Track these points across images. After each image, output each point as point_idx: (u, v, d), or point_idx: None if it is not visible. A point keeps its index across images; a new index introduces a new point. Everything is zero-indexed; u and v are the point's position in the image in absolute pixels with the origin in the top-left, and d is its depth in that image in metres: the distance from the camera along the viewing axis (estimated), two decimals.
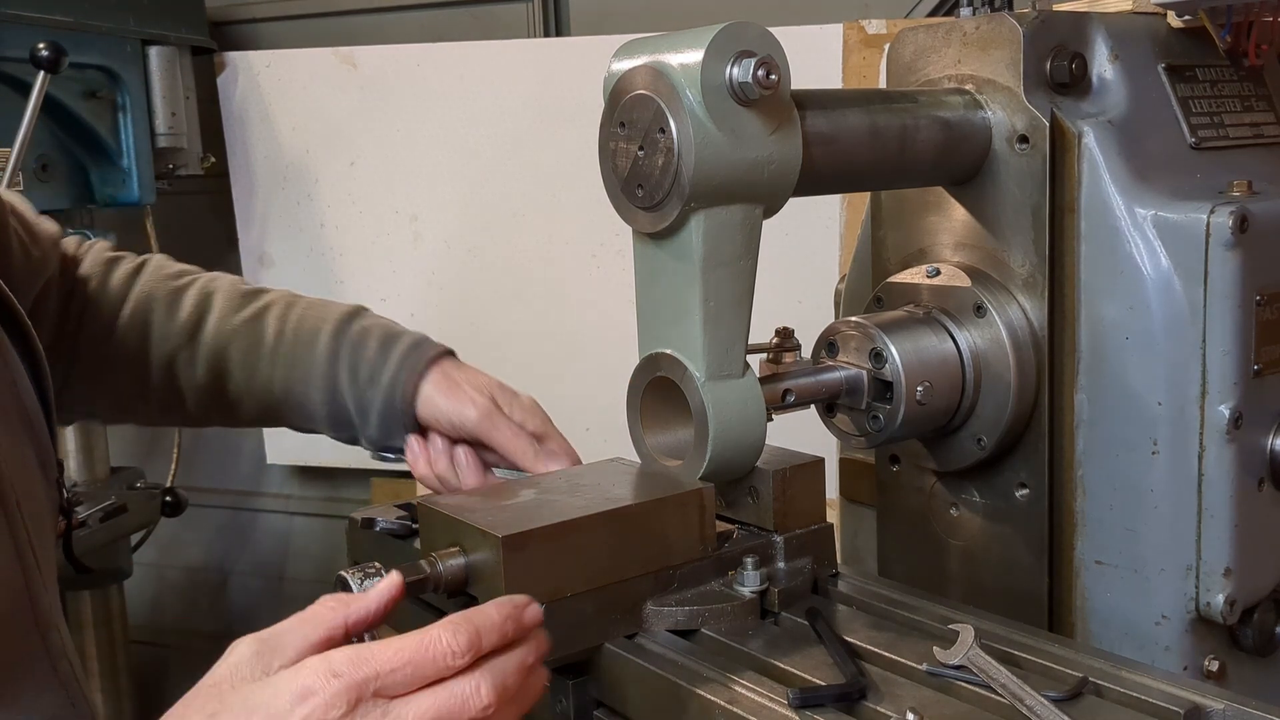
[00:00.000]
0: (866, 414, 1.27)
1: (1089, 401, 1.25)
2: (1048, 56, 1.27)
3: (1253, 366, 1.19)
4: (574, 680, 1.06)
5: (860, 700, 0.96)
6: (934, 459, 1.36)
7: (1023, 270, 1.28)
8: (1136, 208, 1.21)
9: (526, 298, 3.10)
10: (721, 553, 1.14)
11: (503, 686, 0.84)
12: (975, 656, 0.99)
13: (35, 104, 2.39)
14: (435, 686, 0.82)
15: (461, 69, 3.06)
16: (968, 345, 1.28)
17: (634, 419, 1.22)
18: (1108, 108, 1.29)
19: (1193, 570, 1.21)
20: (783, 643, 1.07)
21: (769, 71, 1.05)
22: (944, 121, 1.27)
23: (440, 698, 0.81)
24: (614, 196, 1.15)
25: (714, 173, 1.07)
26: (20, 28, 2.50)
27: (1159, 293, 1.19)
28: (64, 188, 2.76)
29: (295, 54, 3.22)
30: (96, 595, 3.07)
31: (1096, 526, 1.26)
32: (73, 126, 2.73)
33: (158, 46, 2.91)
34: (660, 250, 1.14)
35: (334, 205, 3.22)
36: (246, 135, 3.25)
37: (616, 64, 1.13)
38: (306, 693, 0.78)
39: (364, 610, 0.87)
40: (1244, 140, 1.39)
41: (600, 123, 1.15)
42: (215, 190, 3.31)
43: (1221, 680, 1.24)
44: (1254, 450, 1.21)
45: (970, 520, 1.36)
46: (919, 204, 1.38)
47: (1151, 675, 0.99)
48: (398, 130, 3.13)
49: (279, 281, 3.28)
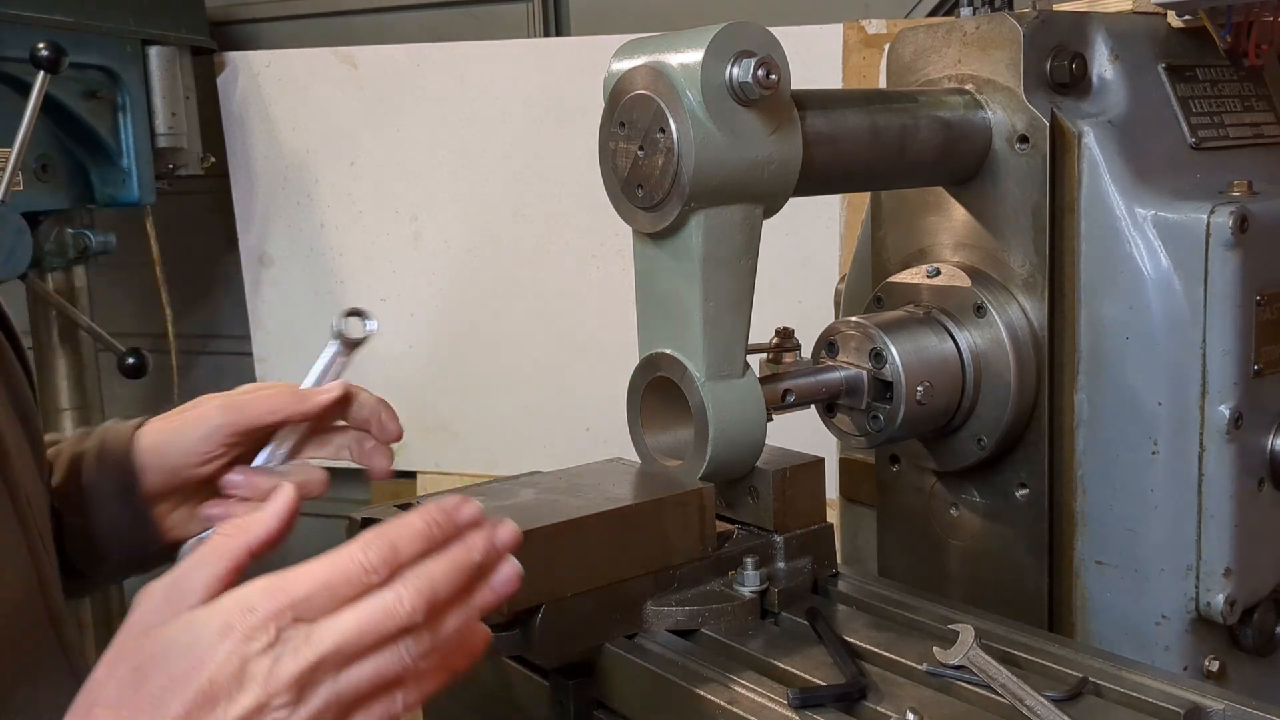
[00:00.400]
0: (866, 414, 1.27)
1: (1089, 401, 1.25)
2: (1048, 56, 1.27)
3: (1253, 366, 1.19)
4: (574, 680, 1.06)
5: (860, 700, 0.96)
6: (934, 459, 1.36)
7: (1023, 270, 1.28)
8: (1136, 208, 1.21)
9: (526, 298, 3.10)
10: (721, 553, 1.14)
11: (430, 592, 0.80)
12: (975, 656, 0.99)
13: (35, 104, 2.39)
14: (356, 603, 0.79)
15: (461, 69, 3.06)
16: (968, 345, 1.28)
17: (634, 419, 1.22)
18: (1108, 108, 1.29)
19: (1193, 570, 1.21)
20: (783, 643, 1.07)
21: (769, 71, 1.05)
22: (944, 121, 1.27)
23: (360, 612, 0.78)
24: (614, 196, 1.15)
25: (714, 173, 1.07)
26: (20, 28, 2.50)
27: (1159, 293, 1.19)
28: (64, 188, 2.76)
29: (295, 54, 3.22)
30: (96, 595, 3.07)
31: (1096, 526, 1.26)
32: (73, 126, 2.73)
33: (158, 46, 2.91)
34: (660, 250, 1.14)
35: (334, 205, 3.22)
36: (246, 135, 3.25)
37: (616, 64, 1.13)
38: (226, 630, 0.77)
39: (265, 531, 0.84)
40: (1244, 140, 1.39)
41: (600, 123, 1.15)
42: (215, 190, 3.31)
43: (1221, 680, 1.24)
44: (1254, 450, 1.21)
45: (970, 520, 1.36)
46: (919, 204, 1.38)
47: (1151, 675, 0.99)
48: (398, 130, 3.13)
49: (279, 281, 3.29)
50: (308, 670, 0.77)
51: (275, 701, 0.76)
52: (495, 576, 0.85)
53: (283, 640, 0.77)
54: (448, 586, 0.81)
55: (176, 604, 0.80)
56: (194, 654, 0.76)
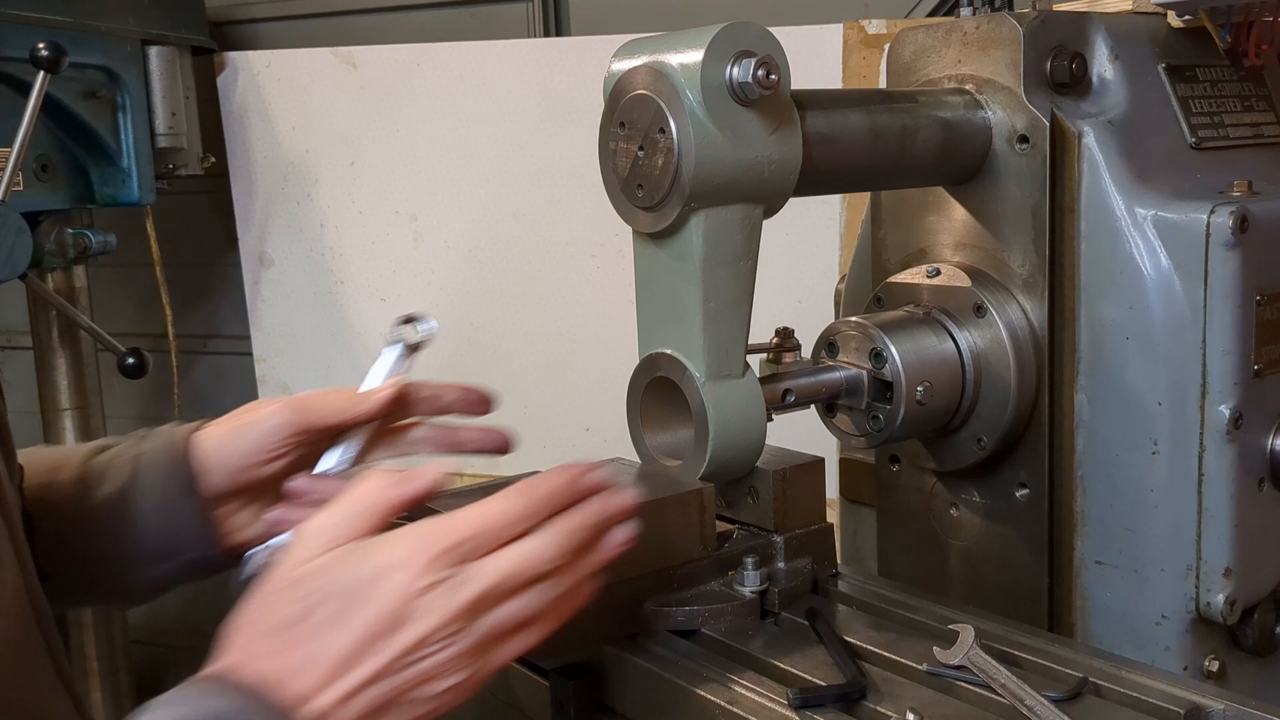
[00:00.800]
0: (866, 414, 1.27)
1: (1089, 401, 1.25)
2: (1048, 56, 1.27)
3: (1253, 366, 1.19)
4: (574, 680, 1.06)
5: (860, 700, 0.96)
6: (934, 459, 1.36)
7: (1023, 270, 1.28)
8: (1136, 208, 1.21)
9: (526, 298, 3.10)
10: (721, 553, 1.14)
11: (569, 543, 0.88)
12: (975, 656, 0.99)
13: (35, 104, 2.38)
14: (506, 547, 0.86)
15: (461, 69, 3.06)
16: (968, 345, 1.28)
17: (634, 419, 1.22)
18: (1108, 108, 1.29)
19: (1193, 570, 1.21)
20: (783, 643, 1.07)
21: (769, 71, 1.05)
22: (944, 121, 1.27)
23: (511, 556, 0.86)
24: (614, 196, 1.15)
25: (714, 173, 1.07)
26: (20, 28, 2.49)
27: (1159, 293, 1.19)
28: (64, 188, 2.76)
29: (295, 54, 3.22)
30: None
31: (1096, 526, 1.26)
32: (73, 126, 2.72)
33: (158, 46, 2.90)
34: (660, 250, 1.14)
35: (334, 205, 3.22)
36: (246, 135, 3.25)
37: (616, 64, 1.13)
38: (395, 566, 0.83)
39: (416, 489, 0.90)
40: (1244, 140, 1.39)
41: (600, 123, 1.15)
42: (215, 190, 3.31)
43: (1221, 680, 1.24)
44: (1254, 450, 1.21)
45: (970, 520, 1.36)
46: (919, 204, 1.38)
47: (1151, 675, 0.99)
48: (398, 130, 3.13)
49: (279, 281, 3.28)
50: (469, 606, 0.83)
51: (439, 634, 0.83)
52: (609, 537, 0.92)
53: (447, 578, 0.83)
54: (586, 540, 0.90)
55: (332, 543, 0.85)
56: (362, 588, 0.82)
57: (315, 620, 0.82)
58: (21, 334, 3.23)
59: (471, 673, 0.85)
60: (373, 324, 3.18)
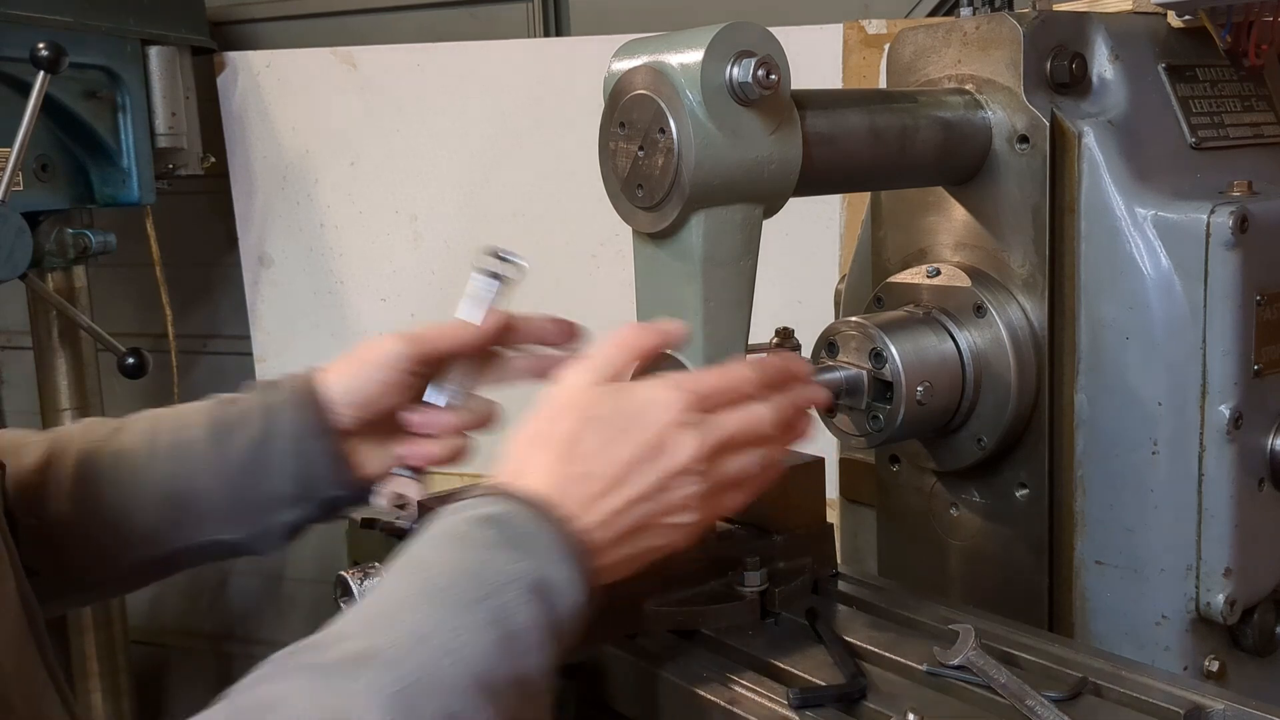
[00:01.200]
0: (866, 414, 1.27)
1: (1089, 401, 1.25)
2: (1048, 56, 1.27)
3: (1253, 366, 1.19)
4: (574, 680, 1.06)
5: (860, 700, 0.96)
6: (934, 459, 1.36)
7: (1023, 270, 1.28)
8: (1136, 208, 1.21)
9: (527, 298, 3.10)
10: (721, 553, 1.14)
11: (784, 417, 1.00)
12: (975, 656, 0.99)
13: (35, 104, 2.38)
14: (738, 406, 0.97)
15: (461, 69, 3.06)
16: (968, 345, 1.28)
17: None
18: (1108, 108, 1.29)
19: (1193, 570, 1.21)
20: (783, 643, 1.07)
21: (769, 71, 1.05)
22: (944, 121, 1.27)
23: (744, 415, 0.97)
24: (614, 196, 1.15)
25: (714, 173, 1.07)
26: (20, 28, 2.49)
27: (1159, 293, 1.19)
28: (64, 188, 2.76)
29: (295, 54, 3.22)
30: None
31: (1096, 526, 1.26)
32: (73, 126, 2.72)
33: (158, 46, 2.90)
34: (660, 250, 1.14)
35: (334, 205, 3.22)
36: (246, 135, 3.25)
37: (616, 64, 1.13)
38: (663, 404, 0.94)
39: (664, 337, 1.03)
40: (1244, 140, 1.39)
41: (600, 123, 1.15)
42: (215, 190, 3.30)
43: (1221, 680, 1.24)
44: (1254, 450, 1.21)
45: (970, 520, 1.36)
46: (919, 204, 1.38)
47: (1151, 675, 0.99)
48: (398, 130, 3.13)
49: (279, 281, 3.28)
50: (714, 448, 0.94)
51: (694, 467, 0.93)
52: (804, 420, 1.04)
53: (698, 422, 0.94)
54: (794, 417, 1.02)
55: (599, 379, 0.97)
56: (630, 418, 0.94)
57: (594, 440, 0.93)
58: (21, 334, 3.23)
59: (701, 515, 0.95)
60: (373, 324, 3.18)
